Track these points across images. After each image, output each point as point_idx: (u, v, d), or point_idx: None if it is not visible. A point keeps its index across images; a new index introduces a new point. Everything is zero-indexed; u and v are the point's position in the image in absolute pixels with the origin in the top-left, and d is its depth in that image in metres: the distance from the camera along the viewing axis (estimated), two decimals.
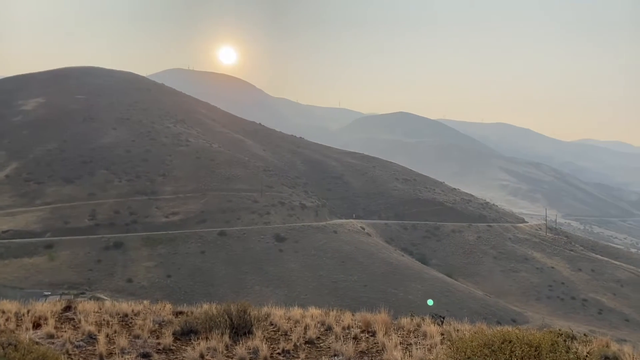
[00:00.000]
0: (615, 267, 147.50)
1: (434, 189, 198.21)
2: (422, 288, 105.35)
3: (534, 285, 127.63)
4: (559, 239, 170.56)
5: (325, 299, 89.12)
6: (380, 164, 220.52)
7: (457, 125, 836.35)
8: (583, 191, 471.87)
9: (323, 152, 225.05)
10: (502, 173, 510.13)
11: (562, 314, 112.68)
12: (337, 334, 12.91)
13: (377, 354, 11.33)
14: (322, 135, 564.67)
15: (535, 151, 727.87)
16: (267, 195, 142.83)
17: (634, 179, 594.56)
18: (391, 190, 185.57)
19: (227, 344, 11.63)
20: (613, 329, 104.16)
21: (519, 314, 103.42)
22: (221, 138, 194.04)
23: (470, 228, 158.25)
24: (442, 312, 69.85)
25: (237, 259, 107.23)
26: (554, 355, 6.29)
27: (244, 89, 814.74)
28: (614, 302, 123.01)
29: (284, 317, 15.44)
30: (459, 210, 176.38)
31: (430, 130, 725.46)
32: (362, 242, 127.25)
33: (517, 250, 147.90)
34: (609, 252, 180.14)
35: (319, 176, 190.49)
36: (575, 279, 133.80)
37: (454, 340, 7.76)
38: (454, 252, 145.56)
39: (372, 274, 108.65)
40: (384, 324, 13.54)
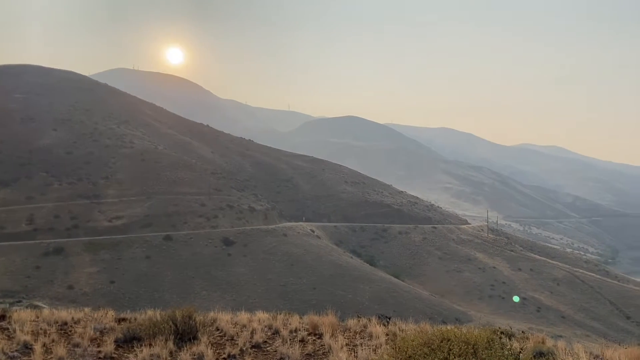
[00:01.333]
0: (552, 267, 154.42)
1: (382, 192, 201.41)
2: (370, 289, 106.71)
3: (476, 284, 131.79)
4: (500, 239, 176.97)
5: (275, 302, 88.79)
6: (329, 167, 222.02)
7: (404, 130, 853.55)
8: (522, 194, 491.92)
9: (272, 154, 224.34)
10: (446, 176, 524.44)
11: (503, 313, 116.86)
12: (284, 338, 12.94)
13: (323, 356, 11.44)
14: (272, 137, 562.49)
15: (477, 155, 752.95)
16: (215, 199, 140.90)
17: (569, 182, 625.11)
18: (340, 193, 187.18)
19: (171, 350, 11.42)
20: (550, 326, 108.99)
21: (463, 313, 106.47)
22: (167, 140, 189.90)
23: (416, 230, 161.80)
24: (389, 312, 71.16)
25: (184, 264, 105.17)
26: (489, 352, 6.58)
27: (191, 90, 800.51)
28: (551, 300, 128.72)
29: (231, 321, 15.32)
30: (406, 212, 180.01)
31: (378, 134, 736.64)
32: (312, 245, 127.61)
33: (461, 250, 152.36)
34: (546, 252, 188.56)
35: (269, 179, 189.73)
36: (515, 278, 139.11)
37: (396, 340, 7.96)
38: (401, 253, 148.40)
39: (321, 276, 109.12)
40: (331, 326, 13.67)
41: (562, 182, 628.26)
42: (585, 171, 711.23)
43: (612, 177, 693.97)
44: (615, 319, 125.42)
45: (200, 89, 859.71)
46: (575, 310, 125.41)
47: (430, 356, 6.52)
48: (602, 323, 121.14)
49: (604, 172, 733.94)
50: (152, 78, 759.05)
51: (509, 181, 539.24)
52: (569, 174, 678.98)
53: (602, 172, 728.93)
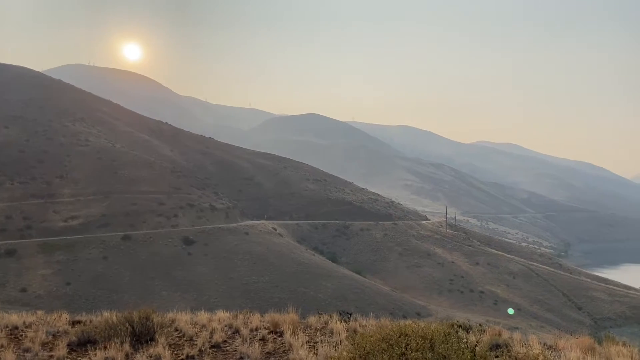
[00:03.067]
0: (508, 260, 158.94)
1: (343, 189, 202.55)
2: (332, 286, 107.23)
3: (436, 279, 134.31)
4: (458, 235, 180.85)
5: (237, 301, 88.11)
6: (291, 164, 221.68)
7: (365, 128, 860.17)
8: (480, 190, 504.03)
9: (234, 152, 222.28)
10: (406, 173, 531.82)
11: (462, 306, 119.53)
12: (245, 337, 12.82)
13: (283, 354, 11.40)
14: (233, 135, 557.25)
15: (436, 152, 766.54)
16: (175, 197, 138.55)
17: (524, 179, 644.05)
18: (302, 190, 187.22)
19: (127, 352, 11.13)
20: (507, 318, 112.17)
21: (423, 308, 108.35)
22: (125, 138, 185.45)
23: (377, 226, 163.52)
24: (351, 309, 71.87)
25: (143, 264, 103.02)
26: (446, 346, 6.69)
27: (150, 87, 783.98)
28: (507, 293, 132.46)
29: (190, 322, 15.08)
30: (367, 209, 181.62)
31: (340, 132, 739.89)
32: (274, 243, 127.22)
33: (421, 246, 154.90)
34: (502, 246, 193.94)
35: (230, 177, 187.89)
36: (473, 272, 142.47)
37: (355, 336, 8.00)
38: (363, 249, 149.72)
39: (283, 274, 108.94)
40: (292, 323, 13.65)
41: (517, 178, 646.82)
42: (540, 168, 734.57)
43: (566, 174, 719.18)
44: (568, 310, 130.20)
45: (158, 86, 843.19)
46: (530, 303, 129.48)
47: (388, 352, 6.57)
48: (556, 314, 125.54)
49: (558, 169, 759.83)
50: (108, 74, 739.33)
51: (467, 178, 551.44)
52: (525, 171, 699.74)
53: (556, 169, 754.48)
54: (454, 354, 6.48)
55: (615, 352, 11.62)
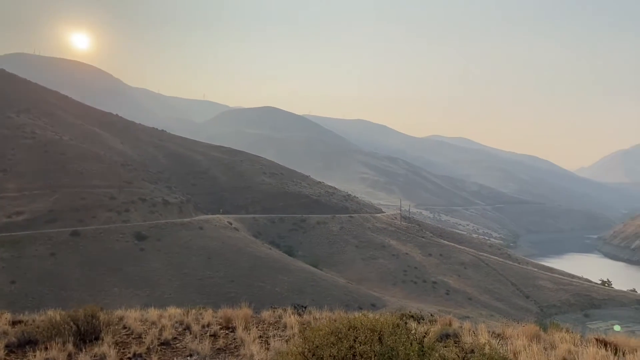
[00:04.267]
0: (459, 251, 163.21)
1: (300, 183, 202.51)
2: (288, 280, 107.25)
3: (390, 270, 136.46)
4: (412, 227, 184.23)
5: (191, 297, 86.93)
6: (247, 158, 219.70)
7: (321, 121, 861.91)
8: (432, 183, 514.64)
9: (187, 145, 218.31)
10: (362, 167, 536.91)
11: (415, 296, 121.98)
12: (195, 333, 12.56)
13: (235, 349, 11.22)
14: (187, 128, 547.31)
15: (391, 146, 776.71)
16: (126, 192, 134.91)
17: (474, 172, 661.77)
18: (259, 184, 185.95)
19: (70, 352, 10.68)
20: (458, 307, 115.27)
21: (378, 299, 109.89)
22: (73, 130, 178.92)
23: (334, 219, 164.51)
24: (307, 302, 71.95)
25: (94, 261, 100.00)
26: (394, 337, 6.71)
27: (99, 78, 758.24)
28: (458, 282, 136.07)
29: (140, 319, 14.67)
30: (324, 202, 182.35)
31: (296, 125, 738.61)
32: (230, 238, 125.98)
33: (376, 238, 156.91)
34: (454, 237, 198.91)
35: (184, 171, 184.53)
36: (426, 263, 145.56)
37: (305, 330, 7.95)
38: (319, 242, 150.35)
39: (239, 269, 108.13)
40: (245, 318, 13.48)
41: (468, 171, 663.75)
42: (490, 161, 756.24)
43: (514, 167, 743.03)
44: (516, 299, 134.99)
45: (109, 77, 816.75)
46: (480, 292, 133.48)
47: (336, 345, 6.56)
48: (505, 303, 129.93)
49: (507, 163, 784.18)
50: (55, 64, 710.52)
51: (421, 171, 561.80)
52: (475, 164, 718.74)
53: (505, 163, 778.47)
54: (401, 345, 6.52)
55: (559, 338, 12.04)
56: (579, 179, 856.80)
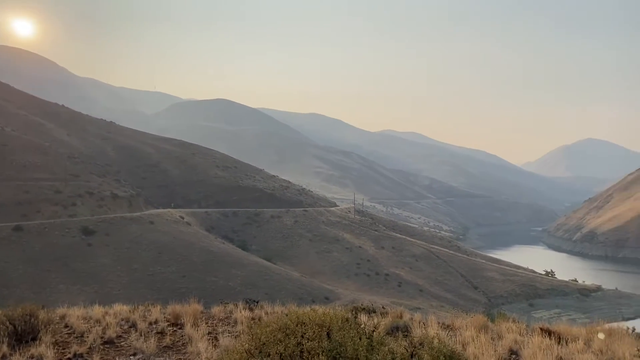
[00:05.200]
0: (411, 244, 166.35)
1: (254, 177, 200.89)
2: (242, 274, 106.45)
3: (344, 264, 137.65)
4: (365, 220, 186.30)
5: (141, 292, 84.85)
6: (200, 151, 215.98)
7: (276, 115, 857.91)
8: (386, 177, 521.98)
9: (137, 138, 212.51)
10: (317, 161, 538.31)
11: (368, 289, 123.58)
12: (142, 331, 12.13)
13: (182, 347, 10.90)
14: (137, 120, 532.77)
15: (345, 140, 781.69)
16: (73, 185, 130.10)
17: (426, 166, 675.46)
18: (212, 178, 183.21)
19: (4, 353, 10.08)
20: (410, 299, 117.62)
21: (331, 292, 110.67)
22: (16, 121, 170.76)
23: (288, 213, 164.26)
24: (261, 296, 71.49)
25: (38, 257, 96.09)
26: (342, 333, 6.62)
27: (44, 67, 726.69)
28: (410, 274, 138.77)
29: (83, 317, 14.07)
30: (278, 196, 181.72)
31: (250, 118, 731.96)
32: (181, 232, 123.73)
33: (330, 232, 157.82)
34: (406, 230, 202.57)
35: (133, 164, 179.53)
36: (379, 256, 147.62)
37: (252, 326, 7.76)
38: (273, 237, 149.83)
39: (191, 264, 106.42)
40: (194, 314, 13.14)
41: (420, 166, 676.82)
42: (441, 156, 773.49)
43: (464, 162, 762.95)
44: (465, 290, 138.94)
45: (54, 66, 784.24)
46: (431, 284, 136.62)
47: (284, 342, 6.40)
48: (454, 294, 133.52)
49: (457, 157, 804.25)
50: None
51: (374, 165, 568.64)
52: (427, 159, 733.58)
53: (455, 157, 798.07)
54: (350, 341, 6.44)
55: (506, 328, 12.34)
56: (525, 173, 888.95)
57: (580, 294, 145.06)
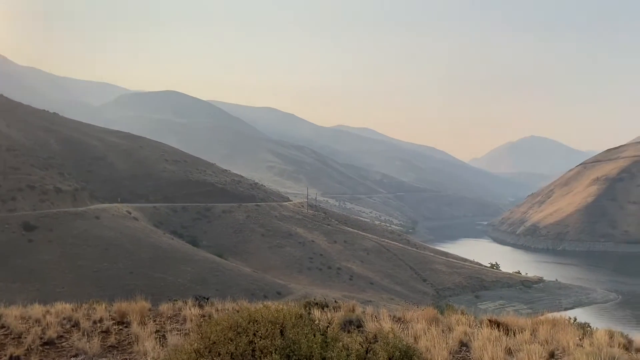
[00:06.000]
0: (363, 238, 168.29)
1: (205, 171, 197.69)
2: (192, 270, 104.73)
3: (296, 258, 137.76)
4: (318, 215, 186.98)
5: (87, 290, 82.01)
6: (148, 144, 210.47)
7: (228, 108, 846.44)
8: (338, 172, 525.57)
9: (83, 130, 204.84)
10: (270, 155, 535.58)
11: (320, 283, 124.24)
12: (85, 330, 11.59)
13: (128, 346, 10.47)
14: (82, 111, 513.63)
15: (299, 135, 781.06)
16: (12, 179, 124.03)
17: (378, 161, 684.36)
18: (160, 172, 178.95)
19: None
20: (361, 292, 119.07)
21: (284, 287, 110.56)
22: None
23: (240, 208, 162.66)
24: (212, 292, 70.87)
25: None
26: (296, 330, 6.45)
27: None
28: (361, 268, 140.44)
29: (22, 316, 13.34)
30: (230, 191, 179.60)
31: (201, 111, 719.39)
32: (129, 227, 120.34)
33: (283, 227, 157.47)
34: (358, 225, 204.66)
35: (78, 157, 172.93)
36: (331, 250, 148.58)
37: (202, 325, 7.49)
38: (225, 232, 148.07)
39: (139, 260, 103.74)
40: (141, 312, 12.68)
41: (372, 161, 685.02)
42: (392, 152, 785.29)
43: (414, 157, 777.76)
44: (414, 283, 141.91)
45: None
46: (382, 277, 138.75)
47: (235, 341, 6.17)
48: (404, 286, 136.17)
49: (407, 153, 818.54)
50: None
51: (327, 160, 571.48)
52: (378, 154, 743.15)
53: (405, 153, 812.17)
54: (304, 338, 6.28)
55: (456, 320, 12.56)
56: (472, 169, 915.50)
57: (523, 286, 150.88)
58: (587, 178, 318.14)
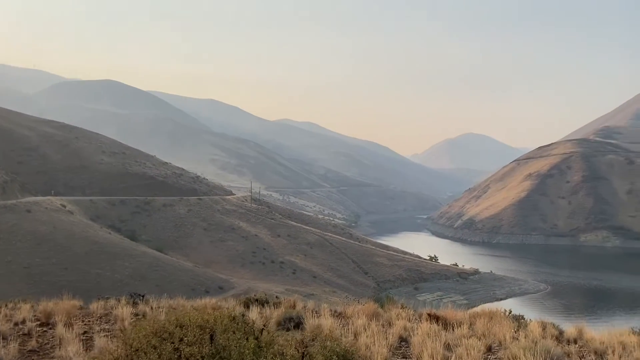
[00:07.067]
0: (306, 231, 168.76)
1: (145, 163, 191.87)
2: (130, 265, 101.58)
3: (239, 252, 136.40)
4: (262, 209, 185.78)
5: (17, 287, 77.85)
6: (84, 135, 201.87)
7: (169, 99, 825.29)
8: (282, 166, 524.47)
9: (13, 119, 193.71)
10: (213, 148, 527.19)
11: (263, 277, 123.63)
12: (4, 333, 10.74)
13: (50, 350, 9.76)
14: (14, 100, 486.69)
15: (242, 128, 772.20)
16: None
17: (322, 156, 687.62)
18: (97, 164, 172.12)
19: None
20: (304, 286, 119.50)
21: (226, 281, 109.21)
22: None
23: (181, 202, 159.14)
24: (151, 288, 68.71)
25: None
26: (226, 335, 6.06)
27: None
28: (304, 262, 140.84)
29: None
30: (170, 184, 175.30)
31: (141, 101, 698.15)
32: (63, 222, 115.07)
33: (226, 221, 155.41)
34: (302, 218, 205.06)
35: (8, 147, 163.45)
36: (274, 244, 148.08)
37: (124, 329, 6.99)
38: (165, 226, 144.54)
39: (74, 255, 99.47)
40: (68, 312, 11.92)
41: (316, 155, 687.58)
42: (336, 146, 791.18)
43: (357, 152, 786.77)
44: (356, 275, 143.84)
45: None
46: (324, 270, 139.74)
47: (159, 348, 5.70)
48: (346, 280, 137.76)
49: (350, 147, 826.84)
50: None
51: (271, 154, 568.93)
52: (323, 149, 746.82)
53: (348, 147, 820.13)
54: (235, 343, 5.91)
55: (395, 315, 12.59)
56: (412, 164, 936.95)
57: (460, 277, 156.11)
58: (521, 174, 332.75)
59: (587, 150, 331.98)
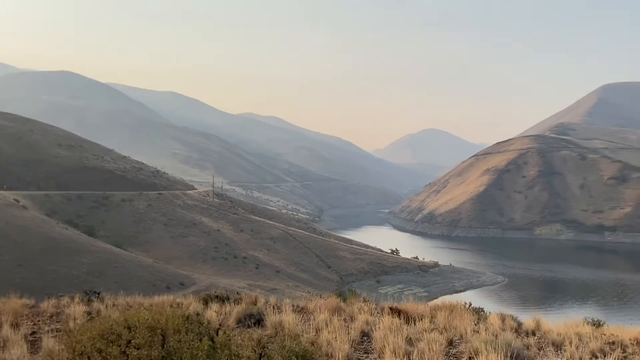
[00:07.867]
0: (270, 226, 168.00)
1: (102, 157, 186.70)
2: (88, 262, 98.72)
3: (201, 248, 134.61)
4: (224, 203, 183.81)
5: None
6: (39, 127, 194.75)
7: (128, 91, 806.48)
8: (246, 160, 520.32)
9: None
10: (173, 142, 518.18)
11: (226, 272, 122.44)
12: None
13: None
14: None
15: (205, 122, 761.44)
16: None
17: (286, 150, 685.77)
18: (53, 157, 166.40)
19: None
20: (267, 280, 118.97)
21: (187, 277, 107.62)
22: None
23: (141, 196, 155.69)
24: (110, 284, 67.03)
25: None
26: (178, 337, 5.75)
27: None
28: (268, 256, 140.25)
29: None
30: (130, 178, 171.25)
31: (99, 93, 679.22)
32: (16, 217, 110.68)
33: (187, 216, 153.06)
34: (265, 213, 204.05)
35: None
36: (237, 239, 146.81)
37: (68, 331, 6.62)
38: (124, 221, 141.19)
39: (28, 252, 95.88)
40: (15, 312, 11.32)
41: (280, 150, 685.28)
42: (299, 141, 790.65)
43: (320, 147, 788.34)
44: (319, 270, 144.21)
45: None
46: (288, 265, 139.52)
47: (104, 351, 5.35)
48: (310, 274, 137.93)
49: (314, 142, 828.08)
50: None
51: (235, 148, 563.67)
52: (286, 143, 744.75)
53: (312, 142, 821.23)
54: (187, 346, 5.60)
55: (358, 309, 12.51)
56: (375, 159, 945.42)
57: (420, 270, 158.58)
58: (479, 169, 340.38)
59: (543, 146, 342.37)
